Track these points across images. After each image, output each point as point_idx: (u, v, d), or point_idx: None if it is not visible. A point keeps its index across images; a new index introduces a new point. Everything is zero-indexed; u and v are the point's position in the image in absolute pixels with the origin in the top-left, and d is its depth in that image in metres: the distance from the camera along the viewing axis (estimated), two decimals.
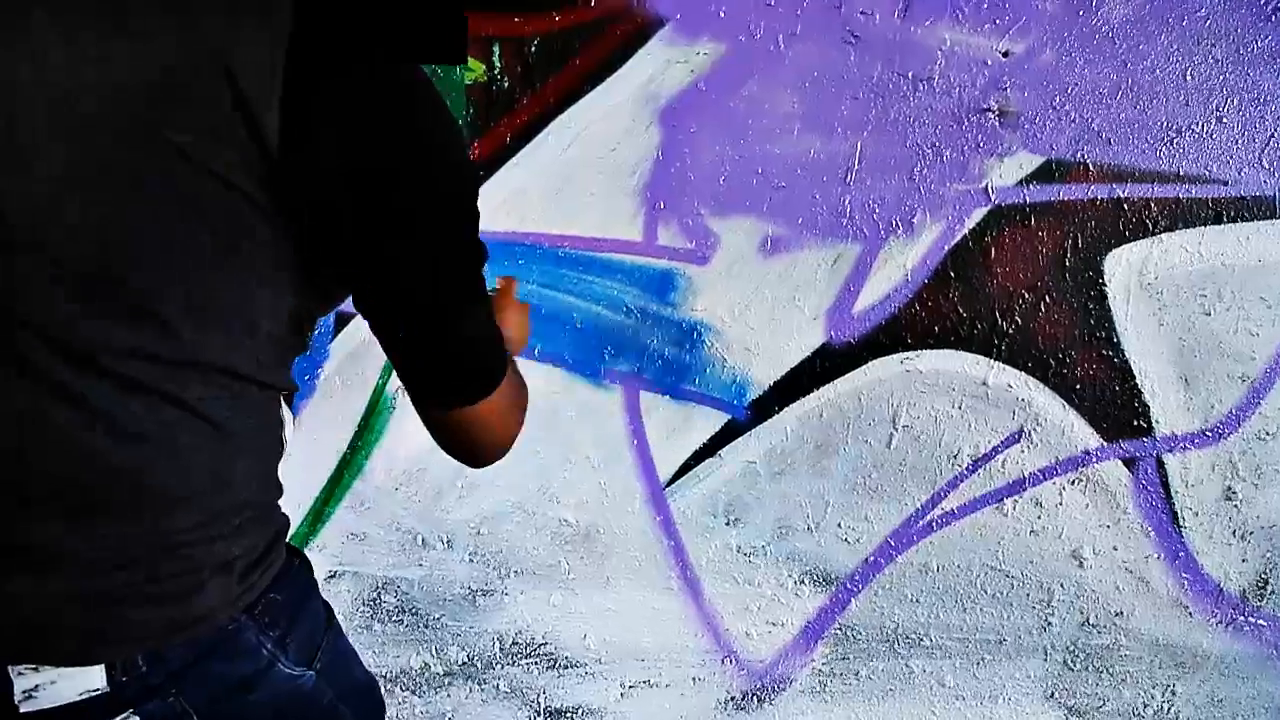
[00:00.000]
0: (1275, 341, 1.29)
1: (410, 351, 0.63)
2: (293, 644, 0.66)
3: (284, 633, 0.66)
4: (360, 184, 0.55)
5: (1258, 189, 1.26)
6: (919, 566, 1.36)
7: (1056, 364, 1.30)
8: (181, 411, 0.58)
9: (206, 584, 0.61)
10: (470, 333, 0.64)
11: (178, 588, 0.60)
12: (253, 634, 0.63)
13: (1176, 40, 1.22)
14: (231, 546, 0.63)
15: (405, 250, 0.58)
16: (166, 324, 0.55)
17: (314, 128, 0.53)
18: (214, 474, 0.61)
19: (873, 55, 1.23)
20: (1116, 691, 1.41)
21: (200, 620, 0.61)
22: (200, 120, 0.53)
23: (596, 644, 1.43)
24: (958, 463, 1.33)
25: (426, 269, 0.60)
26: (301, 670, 0.66)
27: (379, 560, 1.41)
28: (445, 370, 0.64)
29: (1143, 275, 1.28)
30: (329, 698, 0.69)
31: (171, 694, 0.60)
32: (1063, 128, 1.24)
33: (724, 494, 1.36)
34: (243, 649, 0.63)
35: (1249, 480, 1.32)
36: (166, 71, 0.52)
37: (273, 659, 0.64)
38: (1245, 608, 1.37)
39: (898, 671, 1.41)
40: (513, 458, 1.36)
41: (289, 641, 0.66)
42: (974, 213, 1.27)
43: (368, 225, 0.57)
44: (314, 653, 0.68)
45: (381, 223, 0.57)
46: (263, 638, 0.64)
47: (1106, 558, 1.35)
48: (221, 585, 0.62)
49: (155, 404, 0.57)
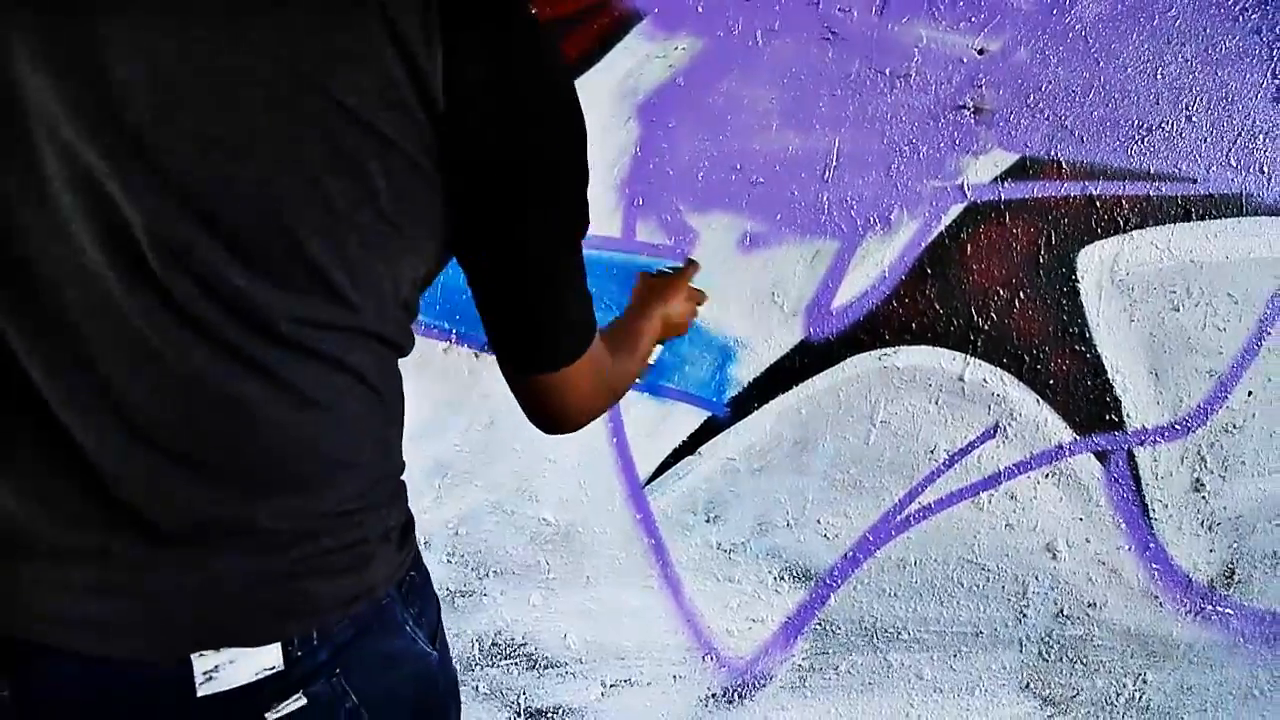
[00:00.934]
0: (1242, 337, 1.32)
1: (508, 312, 0.64)
2: (426, 623, 0.66)
3: (420, 611, 0.66)
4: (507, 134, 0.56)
5: (1225, 187, 1.28)
6: (897, 561, 1.38)
7: (1031, 360, 1.31)
8: (351, 378, 0.58)
9: (376, 554, 0.61)
10: (568, 297, 0.64)
11: (352, 559, 0.60)
12: (399, 610, 0.63)
13: (1147, 40, 1.24)
14: (389, 516, 0.63)
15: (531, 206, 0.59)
16: (337, 290, 0.55)
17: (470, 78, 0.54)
18: (377, 440, 0.61)
19: (850, 52, 1.23)
20: (1090, 681, 1.43)
21: (368, 593, 0.60)
22: (365, 79, 0.52)
23: (577, 643, 1.42)
24: (934, 458, 1.34)
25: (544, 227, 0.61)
26: (430, 649, 0.66)
27: None
28: (538, 335, 0.65)
29: (1114, 272, 1.29)
30: (443, 681, 0.69)
31: (335, 673, 0.59)
32: (1036, 125, 1.25)
33: (704, 491, 1.36)
34: (391, 625, 0.63)
35: (1216, 472, 1.35)
36: (329, 30, 0.51)
37: (413, 636, 0.64)
38: (1213, 597, 1.40)
39: (876, 665, 1.43)
40: (490, 456, 1.35)
41: (424, 620, 0.66)
42: (950, 209, 1.28)
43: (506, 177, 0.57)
44: (435, 633, 0.69)
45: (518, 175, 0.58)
46: (405, 614, 0.64)
47: (1079, 550, 1.37)
48: (386, 556, 0.62)
49: (329, 371, 0.57)
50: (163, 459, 0.54)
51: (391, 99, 0.52)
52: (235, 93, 0.51)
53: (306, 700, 0.57)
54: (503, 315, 0.64)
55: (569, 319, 0.65)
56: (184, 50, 0.50)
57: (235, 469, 0.56)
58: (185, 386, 0.54)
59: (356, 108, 0.52)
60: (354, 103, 0.52)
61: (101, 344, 0.53)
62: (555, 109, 0.58)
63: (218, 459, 0.55)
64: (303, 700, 0.57)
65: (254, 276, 0.53)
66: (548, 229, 0.61)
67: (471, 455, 1.35)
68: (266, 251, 0.53)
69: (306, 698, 0.57)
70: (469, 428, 1.34)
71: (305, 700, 0.57)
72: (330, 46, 0.51)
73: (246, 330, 0.54)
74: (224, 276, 0.52)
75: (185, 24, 0.50)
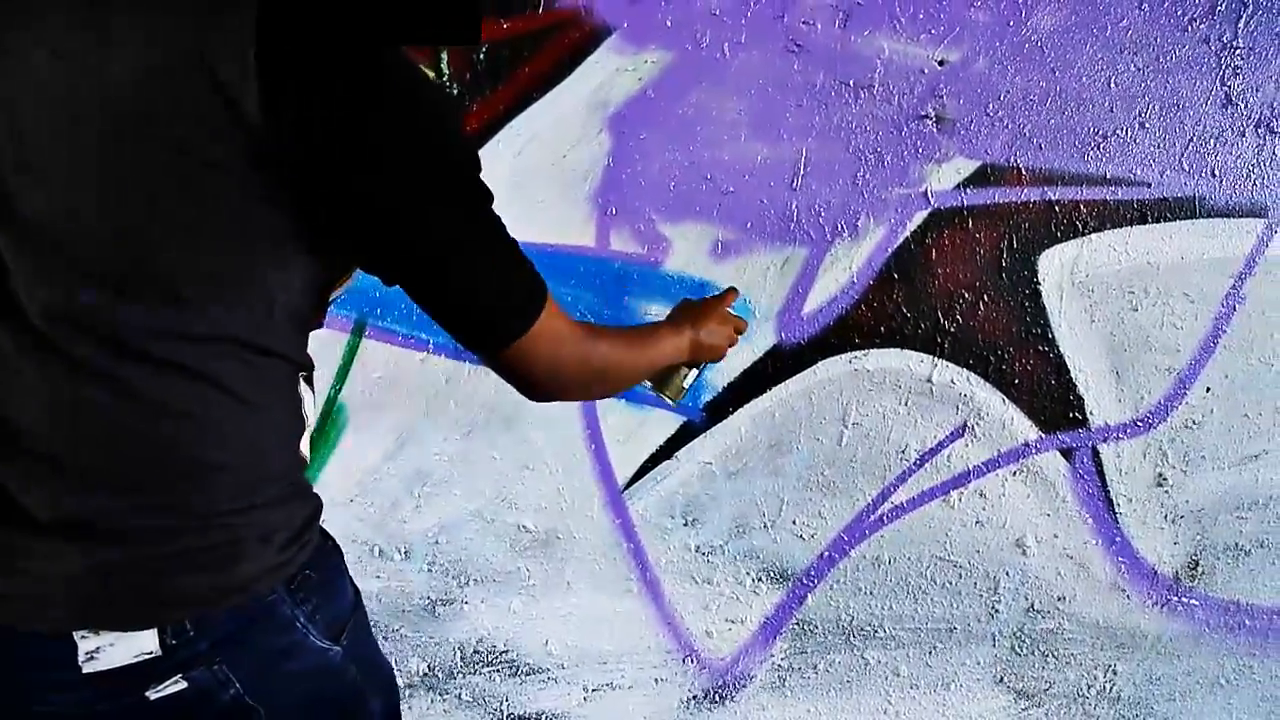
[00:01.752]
0: (1198, 335, 1.36)
1: (429, 301, 0.66)
2: (322, 619, 0.69)
3: (315, 607, 0.69)
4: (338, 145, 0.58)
5: (1179, 190, 1.33)
6: (871, 560, 1.40)
7: (996, 360, 1.35)
8: (214, 387, 0.62)
9: (248, 553, 0.65)
10: (480, 272, 0.66)
11: (221, 556, 0.64)
12: (288, 607, 0.67)
13: (1101, 50, 1.28)
14: (270, 518, 0.66)
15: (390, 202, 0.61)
16: (191, 303, 0.59)
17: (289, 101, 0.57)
18: (246, 446, 0.64)
19: (815, 64, 1.26)
20: (1061, 674, 1.46)
21: (242, 589, 0.64)
22: (187, 112, 0.56)
23: (558, 649, 1.43)
24: (905, 458, 1.37)
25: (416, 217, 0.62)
26: (329, 644, 0.70)
27: None
28: (465, 316, 0.67)
29: (1074, 274, 1.33)
30: (353, 674, 0.73)
31: (216, 662, 0.63)
32: (996, 133, 1.29)
33: (681, 495, 1.38)
34: (279, 621, 0.66)
35: (1178, 467, 1.39)
36: (151, 71, 0.56)
37: (305, 631, 0.68)
38: (1178, 588, 1.43)
39: (854, 663, 1.45)
40: (469, 465, 1.36)
41: (319, 616, 0.69)
42: (915, 216, 1.31)
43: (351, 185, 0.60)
44: (341, 629, 0.71)
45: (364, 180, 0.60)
46: (297, 611, 0.67)
47: (1048, 545, 1.40)
48: (261, 555, 0.65)
49: (189, 381, 0.61)
50: (35, 461, 0.61)
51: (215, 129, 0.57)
52: (75, 135, 0.57)
53: (186, 684, 0.63)
54: (433, 305, 0.67)
55: (496, 290, 0.67)
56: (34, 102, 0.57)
57: (96, 471, 0.61)
58: (46, 398, 0.60)
59: (184, 138, 0.57)
60: (181, 133, 0.57)
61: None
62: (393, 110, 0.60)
63: (80, 461, 0.61)
64: (182, 684, 0.63)
65: (103, 294, 0.58)
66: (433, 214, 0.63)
67: (450, 464, 1.36)
68: (114, 270, 0.58)
69: (186, 681, 0.63)
70: (447, 437, 1.35)
71: (185, 684, 0.63)
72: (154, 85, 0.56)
73: (95, 345, 0.59)
74: (74, 295, 0.58)
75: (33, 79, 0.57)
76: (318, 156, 0.58)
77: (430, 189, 0.62)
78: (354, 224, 0.62)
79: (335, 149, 0.58)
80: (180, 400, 0.61)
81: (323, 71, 0.58)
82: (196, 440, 0.62)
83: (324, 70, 0.58)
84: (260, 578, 0.65)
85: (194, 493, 0.63)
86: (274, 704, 0.67)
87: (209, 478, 0.63)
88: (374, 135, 0.59)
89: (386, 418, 1.35)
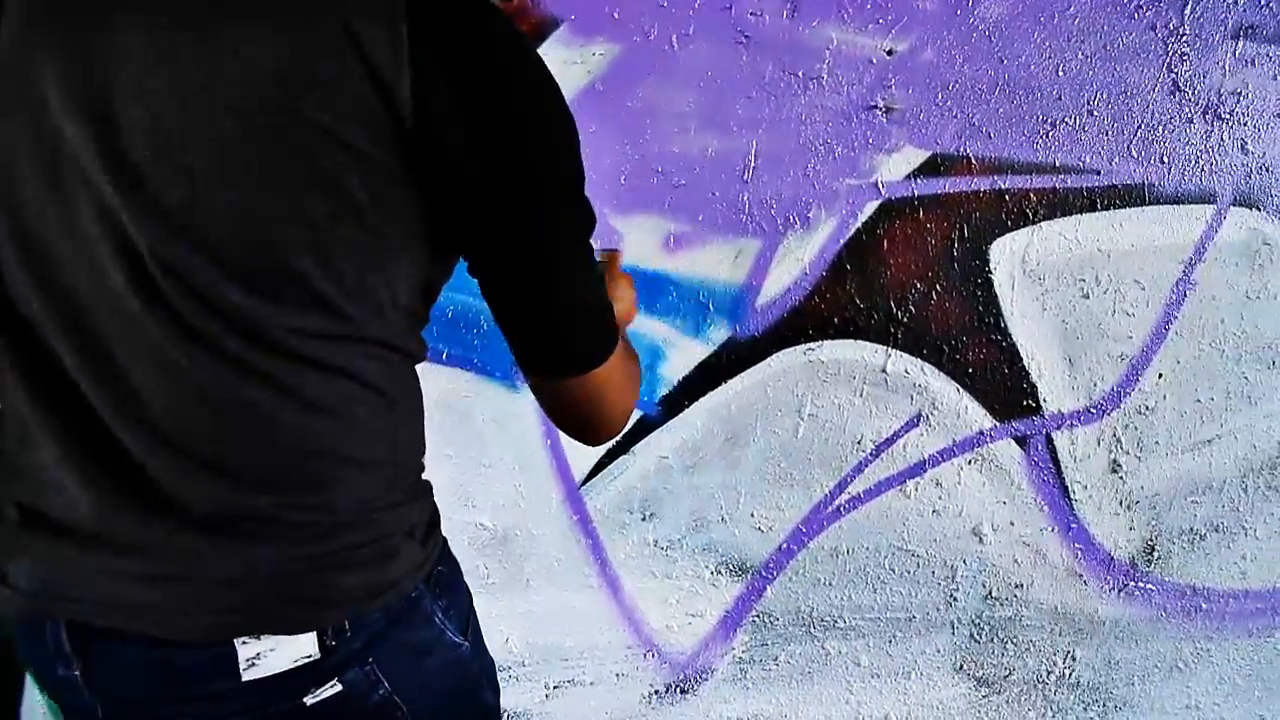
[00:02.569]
0: (1150, 322, 1.37)
1: (522, 317, 0.65)
2: (455, 614, 0.70)
3: (450, 603, 0.69)
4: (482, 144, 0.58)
5: (1128, 178, 1.33)
6: (830, 551, 1.40)
7: (950, 350, 1.35)
8: (355, 383, 0.61)
9: (400, 549, 0.64)
10: (582, 297, 0.65)
11: (375, 553, 0.63)
12: (428, 602, 0.67)
13: (1049, 38, 1.29)
14: (411, 513, 0.66)
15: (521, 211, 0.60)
16: (327, 302, 0.58)
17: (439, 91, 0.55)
18: (388, 442, 0.64)
19: (763, 55, 1.26)
20: (1021, 660, 1.47)
21: (393, 585, 0.64)
22: (335, 97, 0.55)
23: (519, 647, 1.43)
24: (861, 448, 1.37)
25: (539, 230, 0.61)
26: (461, 639, 0.70)
27: None
28: (556, 336, 0.65)
29: (1025, 262, 1.34)
30: (476, 668, 0.73)
31: (369, 662, 0.63)
32: (945, 123, 1.29)
33: (639, 490, 1.38)
34: (422, 617, 0.67)
35: (1132, 453, 1.40)
36: (297, 53, 0.54)
37: (443, 627, 0.68)
38: (1135, 574, 1.45)
39: (815, 654, 1.45)
40: (431, 464, 1.36)
41: (452, 611, 0.69)
42: (866, 206, 1.31)
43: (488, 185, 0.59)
44: (467, 624, 0.72)
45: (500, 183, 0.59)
46: (435, 606, 0.67)
47: (1005, 533, 1.41)
48: (409, 551, 0.65)
49: (330, 377, 0.60)
50: (187, 459, 0.60)
51: (363, 115, 0.55)
52: (216, 126, 0.55)
53: (342, 687, 0.62)
54: (517, 322, 0.65)
55: (586, 317, 0.66)
56: (172, 92, 0.55)
57: (251, 468, 0.60)
58: (198, 394, 0.59)
59: (330, 126, 0.55)
60: (327, 121, 0.55)
61: (131, 358, 0.59)
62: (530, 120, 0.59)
63: (234, 459, 0.60)
64: (338, 687, 0.62)
65: (248, 293, 0.57)
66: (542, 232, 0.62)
67: None
68: (256, 269, 0.57)
69: (341, 684, 0.62)
70: None
71: (340, 687, 0.62)
72: (300, 71, 0.55)
73: (246, 343, 0.58)
74: (221, 294, 0.57)
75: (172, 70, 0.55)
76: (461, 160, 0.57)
77: (564, 193, 0.62)
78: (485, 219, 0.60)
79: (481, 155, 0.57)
80: (328, 398, 0.60)
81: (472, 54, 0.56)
82: (345, 437, 0.61)
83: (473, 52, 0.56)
84: (408, 574, 0.65)
85: (346, 490, 0.62)
86: (417, 701, 0.66)
87: (359, 474, 0.62)
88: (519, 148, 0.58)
89: None
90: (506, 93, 0.58)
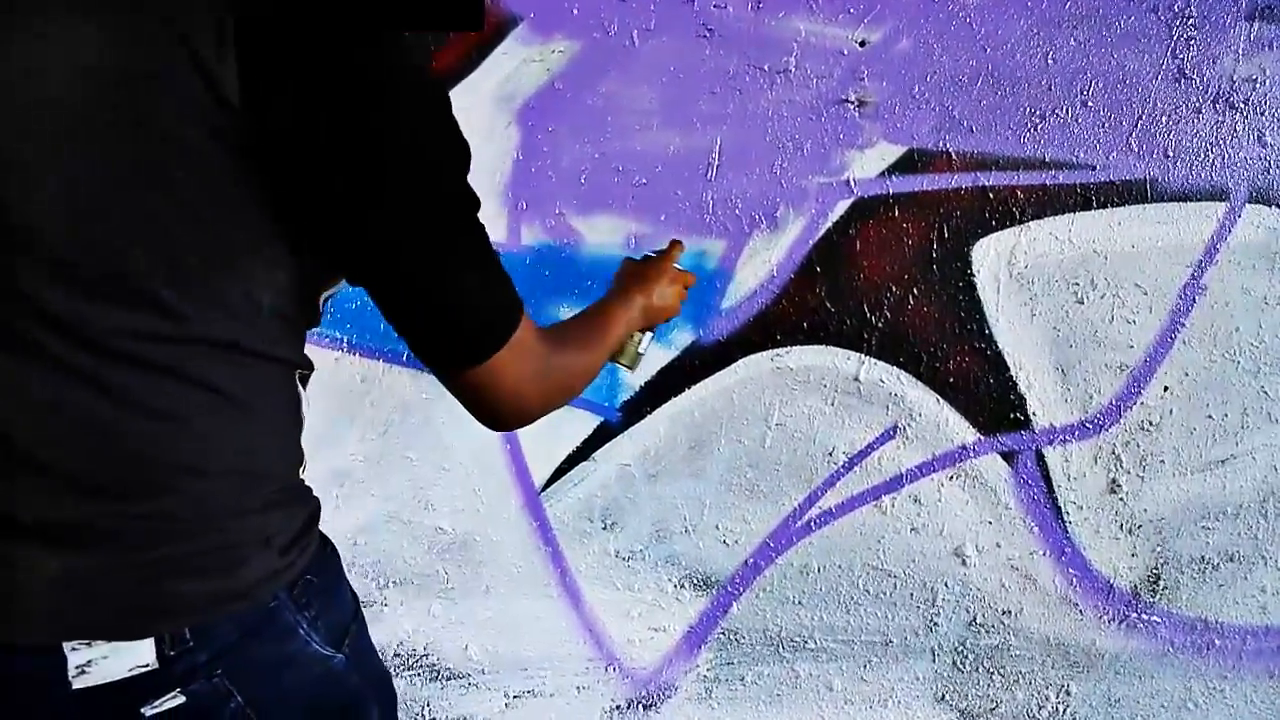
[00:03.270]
0: (1153, 329, 1.26)
1: (399, 312, 0.63)
2: (324, 625, 0.67)
3: (318, 613, 0.66)
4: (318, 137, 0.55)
5: (1128, 173, 1.23)
6: (799, 567, 1.34)
7: (929, 358, 1.27)
8: (197, 389, 0.59)
9: (249, 558, 0.62)
10: (466, 281, 0.62)
11: (220, 561, 0.61)
12: (290, 613, 0.64)
13: (1037, 24, 1.20)
14: (269, 521, 0.64)
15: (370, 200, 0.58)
16: (167, 304, 0.56)
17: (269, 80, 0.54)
18: (238, 449, 0.62)
19: (728, 49, 1.21)
20: (1009, 693, 1.37)
21: (243, 595, 0.62)
22: (166, 93, 0.53)
23: (479, 654, 1.40)
24: (833, 460, 1.30)
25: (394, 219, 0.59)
26: (332, 652, 0.67)
27: None
28: (433, 329, 0.63)
29: (1012, 264, 1.25)
30: (355, 681, 0.70)
31: (216, 674, 0.60)
32: (923, 117, 1.22)
33: (600, 498, 1.34)
34: (281, 628, 0.64)
35: (1133, 472, 1.29)
36: (129, 51, 0.53)
37: (307, 639, 0.65)
38: (1138, 604, 1.33)
39: (784, 676, 1.38)
40: (385, 465, 1.35)
41: (321, 623, 0.66)
42: (837, 205, 1.25)
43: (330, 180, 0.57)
44: (343, 636, 0.69)
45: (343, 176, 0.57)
46: (299, 617, 0.65)
47: (990, 555, 1.32)
48: (263, 560, 0.63)
49: (170, 383, 0.58)
50: (18, 465, 0.58)
51: (190, 109, 0.53)
52: (40, 121, 0.54)
53: (185, 698, 0.59)
54: (401, 316, 0.63)
55: (473, 307, 0.63)
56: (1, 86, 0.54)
57: (82, 474, 0.58)
58: (29, 399, 0.57)
59: (156, 120, 0.53)
60: (153, 115, 0.53)
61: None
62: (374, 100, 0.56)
63: (68, 465, 0.58)
64: (181, 698, 0.59)
65: (70, 292, 0.55)
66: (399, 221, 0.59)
67: (367, 465, 1.35)
68: (84, 270, 0.55)
69: (185, 695, 0.59)
70: (363, 437, 1.34)
71: (184, 698, 0.59)
72: (122, 65, 0.53)
73: (71, 345, 0.56)
74: (45, 297, 0.55)
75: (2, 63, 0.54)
76: (296, 145, 0.55)
77: (414, 190, 0.59)
78: (329, 222, 0.58)
79: (315, 138, 0.55)
80: (165, 403, 0.58)
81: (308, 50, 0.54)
82: (184, 444, 0.59)
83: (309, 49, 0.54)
84: (262, 583, 0.62)
85: (184, 497, 0.60)
86: (275, 715, 0.64)
87: (199, 482, 0.60)
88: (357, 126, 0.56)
89: None
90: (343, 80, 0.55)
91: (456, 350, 0.63)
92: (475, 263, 0.63)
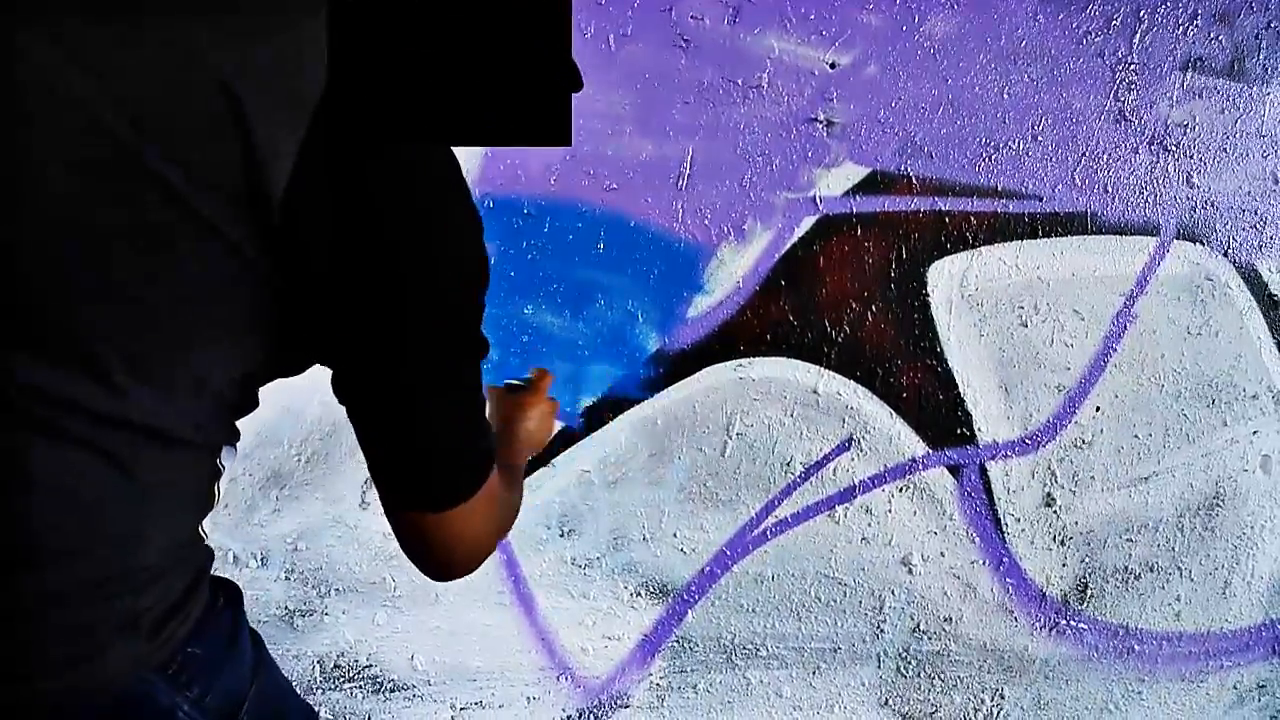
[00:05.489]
0: (1089, 353, 1.34)
1: (380, 440, 0.58)
2: (213, 702, 0.60)
3: (204, 690, 0.59)
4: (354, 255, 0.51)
5: (1070, 205, 1.31)
6: (754, 576, 1.35)
7: (884, 373, 1.31)
8: (95, 465, 0.53)
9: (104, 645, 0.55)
10: (449, 433, 0.58)
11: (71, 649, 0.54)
12: (164, 695, 0.57)
13: (994, 59, 1.26)
14: (138, 601, 0.57)
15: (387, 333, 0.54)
16: (105, 374, 0.50)
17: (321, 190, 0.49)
18: (122, 531, 0.55)
19: (703, 60, 1.22)
20: (948, 697, 1.42)
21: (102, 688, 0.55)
22: (196, 157, 0.47)
23: (425, 664, 1.36)
24: (790, 470, 1.33)
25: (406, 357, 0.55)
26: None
27: None
28: (414, 466, 0.59)
29: (964, 286, 1.30)
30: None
31: None
32: (887, 140, 1.26)
33: (557, 504, 1.32)
34: (155, 713, 0.57)
35: (1067, 487, 1.37)
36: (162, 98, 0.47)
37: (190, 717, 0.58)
38: (1067, 612, 1.41)
39: (735, 683, 1.40)
40: (330, 466, 1.29)
41: (208, 700, 0.60)
42: (803, 221, 1.27)
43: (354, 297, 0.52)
44: (239, 705, 0.62)
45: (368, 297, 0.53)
46: (178, 699, 0.58)
47: (935, 564, 1.37)
48: (124, 646, 0.56)
49: (65, 454, 0.52)
50: None
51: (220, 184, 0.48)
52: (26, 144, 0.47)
53: None
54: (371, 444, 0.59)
55: (450, 456, 0.59)
56: None
57: None
58: None
59: (175, 182, 0.48)
60: (173, 176, 0.48)
61: None
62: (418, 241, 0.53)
63: None
64: None
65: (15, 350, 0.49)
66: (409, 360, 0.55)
67: (311, 465, 1.29)
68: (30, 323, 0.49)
69: None
70: (308, 436, 1.28)
71: None
72: (157, 111, 0.47)
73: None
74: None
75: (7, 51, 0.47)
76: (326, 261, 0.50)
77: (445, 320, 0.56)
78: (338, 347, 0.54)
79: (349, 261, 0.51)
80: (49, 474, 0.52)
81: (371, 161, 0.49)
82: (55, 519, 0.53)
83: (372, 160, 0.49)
84: (124, 672, 0.55)
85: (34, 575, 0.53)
86: None
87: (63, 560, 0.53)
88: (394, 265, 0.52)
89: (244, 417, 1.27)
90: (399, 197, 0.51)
91: (434, 491, 0.59)
92: (472, 409, 0.60)
